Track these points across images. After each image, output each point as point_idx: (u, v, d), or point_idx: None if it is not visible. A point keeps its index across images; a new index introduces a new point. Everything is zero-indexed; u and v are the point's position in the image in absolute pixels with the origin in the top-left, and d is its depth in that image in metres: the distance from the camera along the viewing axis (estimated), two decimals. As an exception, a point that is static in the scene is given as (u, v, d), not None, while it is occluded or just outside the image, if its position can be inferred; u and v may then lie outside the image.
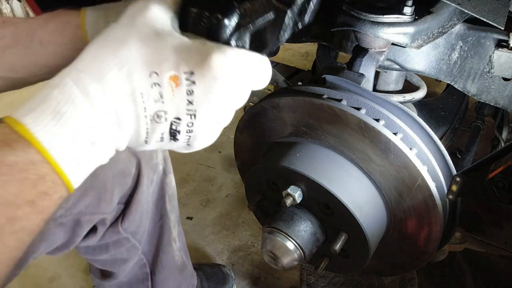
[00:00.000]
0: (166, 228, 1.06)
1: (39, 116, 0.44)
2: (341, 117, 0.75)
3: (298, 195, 0.82)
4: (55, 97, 0.45)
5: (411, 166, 0.73)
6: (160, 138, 0.51)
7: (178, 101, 0.48)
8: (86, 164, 0.48)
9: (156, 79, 0.47)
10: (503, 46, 0.87)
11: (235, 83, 0.49)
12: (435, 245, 0.82)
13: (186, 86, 0.47)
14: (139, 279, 1.11)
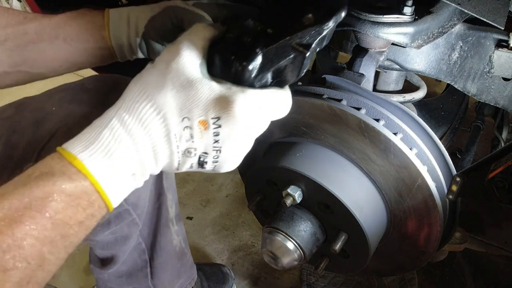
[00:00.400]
0: (163, 208, 1.06)
1: (93, 154, 0.53)
2: (341, 117, 0.75)
3: (298, 195, 0.82)
4: (106, 137, 0.54)
5: (411, 166, 0.73)
6: (190, 167, 0.60)
7: (206, 140, 0.57)
8: (125, 191, 0.57)
9: (187, 123, 0.56)
10: (503, 46, 0.87)
11: (256, 120, 0.58)
12: (435, 245, 0.82)
13: (213, 129, 0.56)
14: (139, 266, 1.11)
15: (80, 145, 0.53)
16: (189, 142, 0.57)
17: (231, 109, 0.55)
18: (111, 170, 0.53)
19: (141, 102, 0.55)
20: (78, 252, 1.42)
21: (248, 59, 0.54)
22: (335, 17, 0.56)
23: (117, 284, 1.13)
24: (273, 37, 0.55)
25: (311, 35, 0.55)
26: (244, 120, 0.56)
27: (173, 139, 0.56)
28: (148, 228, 1.06)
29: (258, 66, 0.55)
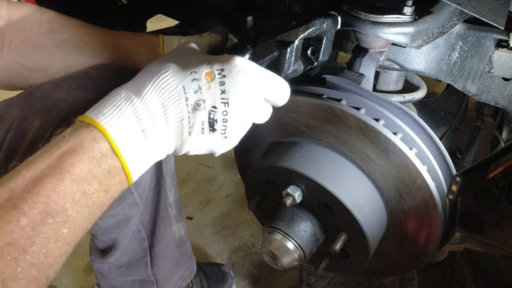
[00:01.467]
0: (162, 192, 1.07)
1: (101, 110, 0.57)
2: (341, 117, 0.75)
3: (298, 195, 0.82)
4: (113, 98, 0.58)
5: (411, 166, 0.73)
6: (201, 129, 0.61)
7: (213, 91, 0.60)
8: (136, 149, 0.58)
9: (195, 76, 0.60)
10: (503, 46, 0.87)
11: (256, 78, 0.62)
12: (435, 245, 0.82)
13: (218, 78, 0.60)
14: (139, 256, 1.11)
15: (91, 109, 0.58)
16: (198, 93, 0.59)
17: (233, 61, 0.61)
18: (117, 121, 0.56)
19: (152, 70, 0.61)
20: (78, 252, 1.42)
21: (240, 53, 0.65)
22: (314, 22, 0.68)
23: (118, 275, 1.13)
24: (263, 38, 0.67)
25: (290, 35, 0.66)
26: (246, 72, 0.61)
27: (181, 91, 0.59)
28: (148, 215, 1.07)
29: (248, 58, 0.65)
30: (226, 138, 0.63)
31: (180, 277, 1.24)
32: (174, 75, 0.59)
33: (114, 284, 1.16)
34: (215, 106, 0.60)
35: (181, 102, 0.59)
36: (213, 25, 1.12)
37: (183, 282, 1.26)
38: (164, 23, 1.44)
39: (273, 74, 0.65)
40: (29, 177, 0.52)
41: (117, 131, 0.56)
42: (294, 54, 0.67)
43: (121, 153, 0.56)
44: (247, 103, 0.62)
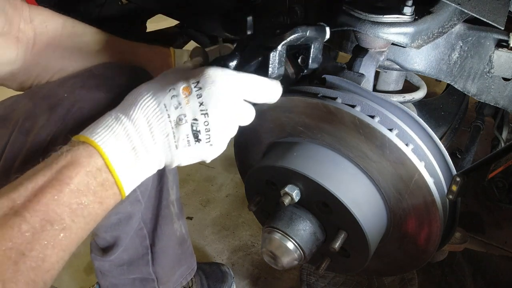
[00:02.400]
0: (164, 190, 1.07)
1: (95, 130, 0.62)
2: (336, 115, 0.75)
3: (295, 194, 0.82)
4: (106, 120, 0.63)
5: (408, 161, 0.73)
6: (187, 142, 0.65)
7: (192, 104, 0.63)
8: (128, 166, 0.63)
9: (173, 92, 0.63)
10: (503, 46, 0.87)
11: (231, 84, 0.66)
12: (435, 243, 0.82)
13: (195, 91, 0.63)
14: (140, 254, 1.11)
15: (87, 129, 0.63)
16: (178, 109, 0.63)
17: (206, 72, 0.65)
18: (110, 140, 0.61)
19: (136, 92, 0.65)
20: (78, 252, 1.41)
21: (229, 59, 0.70)
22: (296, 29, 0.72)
23: (118, 273, 1.13)
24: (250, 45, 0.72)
25: (274, 41, 0.70)
26: (220, 81, 0.65)
27: (163, 109, 0.63)
28: (150, 212, 1.07)
29: (236, 63, 0.70)
30: (212, 146, 0.67)
31: (180, 275, 1.24)
32: (155, 94, 0.63)
33: (114, 283, 1.16)
34: (196, 118, 0.64)
35: (164, 119, 0.63)
36: (213, 25, 1.13)
37: (183, 280, 1.26)
38: (164, 23, 1.44)
39: (249, 75, 0.68)
40: (30, 188, 0.57)
41: (110, 148, 0.61)
42: (278, 59, 0.71)
43: (114, 169, 0.61)
44: (226, 110, 0.66)
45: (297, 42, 0.74)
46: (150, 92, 0.64)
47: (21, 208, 0.55)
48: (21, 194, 0.56)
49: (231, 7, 1.09)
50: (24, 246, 0.53)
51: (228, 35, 1.12)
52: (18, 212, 0.54)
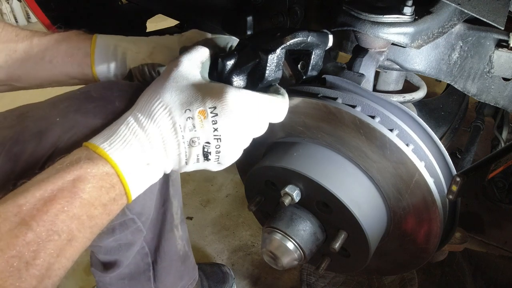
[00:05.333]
0: (168, 214, 1.06)
1: (112, 143, 0.62)
2: (337, 115, 0.75)
3: (296, 194, 0.82)
4: (123, 131, 0.63)
5: (408, 161, 0.73)
6: (196, 159, 0.67)
7: (207, 129, 0.65)
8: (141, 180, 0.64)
9: (189, 114, 0.64)
10: (503, 46, 0.87)
11: (249, 113, 0.67)
12: (435, 242, 0.82)
13: (211, 117, 0.64)
14: (141, 270, 1.10)
15: (102, 138, 0.63)
16: (192, 131, 0.64)
17: (224, 98, 0.64)
18: (128, 157, 0.62)
19: (151, 101, 0.65)
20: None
21: (226, 58, 0.70)
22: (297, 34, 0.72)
23: (119, 286, 1.13)
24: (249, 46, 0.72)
25: (273, 44, 0.71)
26: (237, 109, 0.65)
27: (179, 130, 0.64)
28: (152, 232, 1.06)
29: (233, 63, 0.71)
30: (220, 164, 0.69)
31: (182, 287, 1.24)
32: (171, 113, 0.64)
33: None
34: (209, 141, 0.65)
35: (179, 139, 0.65)
36: (213, 25, 1.13)
37: None
38: (164, 23, 1.44)
39: (267, 97, 0.69)
40: (39, 196, 0.56)
41: (126, 166, 0.61)
42: (276, 62, 0.71)
43: (127, 185, 0.62)
44: (239, 136, 0.68)
45: (298, 47, 0.73)
46: (166, 109, 0.64)
47: (27, 216, 0.54)
48: (28, 201, 0.55)
49: (231, 7, 1.09)
50: (28, 255, 0.53)
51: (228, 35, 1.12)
52: (25, 220, 0.53)
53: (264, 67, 0.70)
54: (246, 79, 0.72)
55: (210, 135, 0.65)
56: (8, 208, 0.54)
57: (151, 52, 0.94)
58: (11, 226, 0.53)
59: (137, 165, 0.63)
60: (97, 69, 0.92)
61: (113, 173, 0.60)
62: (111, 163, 0.60)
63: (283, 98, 0.71)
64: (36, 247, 0.53)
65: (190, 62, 0.69)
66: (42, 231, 0.54)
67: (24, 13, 3.89)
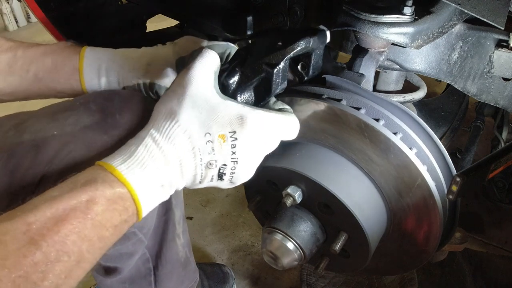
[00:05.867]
0: (170, 224, 1.05)
1: (130, 166, 0.60)
2: (341, 117, 0.75)
3: (298, 195, 0.82)
4: (141, 153, 0.61)
5: (411, 165, 0.73)
6: (211, 179, 0.67)
7: (225, 152, 0.65)
8: (154, 201, 0.64)
9: (209, 138, 0.64)
10: (503, 46, 0.87)
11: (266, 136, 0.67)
12: (435, 244, 0.82)
13: (230, 141, 0.64)
14: (142, 274, 1.10)
15: (119, 159, 0.61)
16: (211, 154, 0.64)
17: (244, 124, 0.64)
18: (145, 181, 0.61)
19: (169, 123, 0.63)
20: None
21: (229, 75, 0.68)
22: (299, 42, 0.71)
23: None
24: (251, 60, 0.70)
25: (277, 56, 0.69)
26: (256, 133, 0.65)
27: (197, 153, 0.64)
28: (153, 239, 1.05)
29: (237, 80, 0.69)
30: (232, 183, 0.70)
31: None
32: (190, 136, 0.63)
33: None
34: (226, 164, 0.66)
35: (196, 162, 0.64)
36: (213, 25, 1.12)
37: None
38: (164, 23, 1.44)
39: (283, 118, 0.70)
40: (50, 215, 0.54)
41: (142, 189, 0.61)
42: (281, 74, 0.70)
43: (141, 207, 0.61)
44: (255, 158, 0.69)
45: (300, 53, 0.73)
46: (185, 132, 0.63)
47: (37, 235, 0.52)
48: (39, 220, 0.53)
49: (231, 7, 1.09)
50: (36, 276, 0.51)
51: (228, 35, 1.12)
52: (34, 239, 0.51)
53: (270, 81, 0.69)
54: (253, 95, 0.71)
55: (228, 158, 0.65)
56: (17, 225, 0.52)
57: (146, 70, 0.90)
58: (19, 245, 0.51)
59: (152, 187, 0.62)
60: (88, 86, 0.88)
61: (128, 197, 0.60)
62: (127, 186, 0.59)
63: (294, 117, 0.72)
64: (44, 267, 0.51)
65: (204, 75, 0.66)
66: (51, 251, 0.52)
67: (24, 13, 3.89)
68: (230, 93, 0.69)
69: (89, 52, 0.88)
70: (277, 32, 0.79)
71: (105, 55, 0.89)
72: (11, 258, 0.50)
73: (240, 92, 0.69)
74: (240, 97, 0.70)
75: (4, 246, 0.50)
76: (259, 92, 0.71)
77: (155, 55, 0.91)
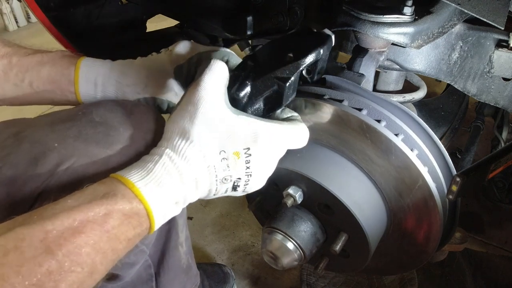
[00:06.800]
0: (173, 233, 1.05)
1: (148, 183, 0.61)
2: (343, 118, 0.75)
3: (298, 195, 0.82)
4: (158, 171, 0.63)
5: (412, 167, 0.73)
6: (225, 192, 0.70)
7: (239, 168, 0.67)
8: (167, 217, 0.65)
9: (224, 155, 0.65)
10: (503, 46, 0.87)
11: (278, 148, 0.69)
12: (434, 245, 0.82)
13: (245, 158, 0.66)
14: (144, 280, 1.10)
15: (137, 175, 0.62)
16: (226, 171, 0.66)
17: (258, 139, 0.66)
18: (161, 198, 0.62)
19: (184, 143, 0.64)
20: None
21: (239, 89, 0.68)
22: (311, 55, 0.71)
23: None
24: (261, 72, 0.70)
25: (289, 70, 0.69)
26: (269, 148, 0.67)
27: (212, 170, 0.65)
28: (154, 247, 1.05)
29: (248, 94, 0.69)
30: (244, 192, 0.72)
31: None
32: (205, 155, 0.64)
33: None
34: (240, 177, 0.68)
35: (212, 178, 0.66)
36: (213, 25, 1.12)
37: None
38: (164, 23, 1.44)
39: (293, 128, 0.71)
40: (67, 225, 0.54)
41: (158, 206, 0.62)
42: (293, 87, 0.71)
43: (154, 221, 0.62)
44: (268, 169, 0.71)
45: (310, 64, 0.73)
46: (201, 152, 0.64)
47: (54, 244, 0.52)
48: (56, 229, 0.53)
49: (231, 7, 1.09)
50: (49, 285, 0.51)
51: (228, 35, 1.12)
52: (50, 248, 0.52)
53: (281, 94, 0.70)
54: (262, 105, 0.71)
55: (242, 172, 0.67)
56: (34, 232, 0.52)
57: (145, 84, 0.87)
58: (35, 253, 0.51)
59: (166, 205, 0.63)
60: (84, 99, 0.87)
61: (144, 213, 0.61)
62: (144, 203, 0.60)
63: (304, 126, 0.74)
64: (58, 277, 0.52)
65: (215, 92, 0.65)
66: (66, 261, 0.53)
67: (24, 13, 3.89)
68: (241, 107, 0.69)
69: (85, 64, 0.86)
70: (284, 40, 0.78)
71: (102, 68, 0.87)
72: (26, 265, 0.50)
73: (251, 105, 0.70)
74: (250, 109, 0.70)
75: (21, 252, 0.50)
76: (269, 103, 0.71)
77: (152, 66, 0.88)
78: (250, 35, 1.06)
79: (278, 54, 0.73)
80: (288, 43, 0.77)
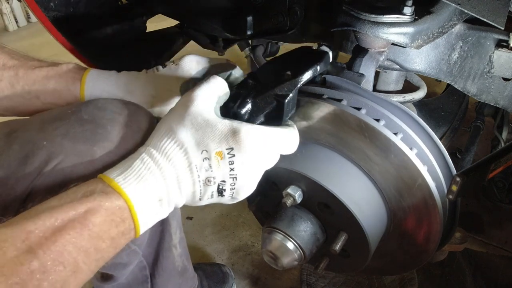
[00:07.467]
0: (166, 234, 1.05)
1: (127, 177, 0.62)
2: (342, 117, 0.75)
3: (298, 195, 0.82)
4: (137, 166, 0.63)
5: (411, 166, 0.73)
6: (211, 196, 0.68)
7: (223, 169, 0.65)
8: (152, 217, 0.64)
9: (206, 155, 0.64)
10: (503, 46, 0.87)
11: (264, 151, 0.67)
12: (434, 244, 0.82)
13: (228, 158, 0.65)
14: (139, 281, 1.10)
15: (117, 171, 0.63)
16: (209, 171, 0.65)
17: (241, 139, 0.64)
18: (141, 193, 0.61)
19: (166, 140, 0.64)
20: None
21: (241, 106, 0.70)
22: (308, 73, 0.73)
23: None
24: (261, 90, 0.72)
25: (287, 87, 0.71)
26: (254, 148, 0.65)
27: (194, 169, 0.64)
28: (149, 247, 1.05)
29: (249, 111, 0.71)
30: (233, 199, 0.70)
31: None
32: (187, 153, 0.64)
33: None
34: (224, 180, 0.66)
35: (194, 179, 0.65)
36: (213, 25, 1.12)
37: None
38: (164, 23, 1.44)
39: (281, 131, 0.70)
40: (49, 224, 0.55)
41: (139, 201, 0.61)
42: (292, 103, 0.72)
43: (138, 220, 0.62)
44: (254, 173, 0.68)
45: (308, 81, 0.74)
46: (182, 148, 0.64)
47: (35, 244, 0.53)
48: (38, 228, 0.54)
49: (231, 7, 1.09)
50: (32, 284, 0.52)
51: (228, 35, 1.12)
52: (32, 248, 0.53)
53: (281, 110, 0.71)
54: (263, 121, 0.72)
55: (226, 174, 0.66)
56: (16, 232, 0.53)
57: (151, 103, 0.89)
58: (17, 253, 0.52)
59: (149, 201, 0.63)
60: None
61: (125, 207, 0.60)
62: (124, 197, 0.60)
63: (294, 130, 0.72)
64: (40, 276, 0.52)
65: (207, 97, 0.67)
66: (47, 260, 0.53)
67: (24, 13, 3.90)
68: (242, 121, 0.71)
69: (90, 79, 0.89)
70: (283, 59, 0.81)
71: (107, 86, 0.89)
72: (8, 265, 0.50)
73: (252, 121, 0.71)
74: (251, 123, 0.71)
75: (3, 253, 0.51)
76: (270, 118, 0.72)
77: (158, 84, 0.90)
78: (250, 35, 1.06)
79: (277, 72, 0.75)
80: (287, 61, 0.80)
